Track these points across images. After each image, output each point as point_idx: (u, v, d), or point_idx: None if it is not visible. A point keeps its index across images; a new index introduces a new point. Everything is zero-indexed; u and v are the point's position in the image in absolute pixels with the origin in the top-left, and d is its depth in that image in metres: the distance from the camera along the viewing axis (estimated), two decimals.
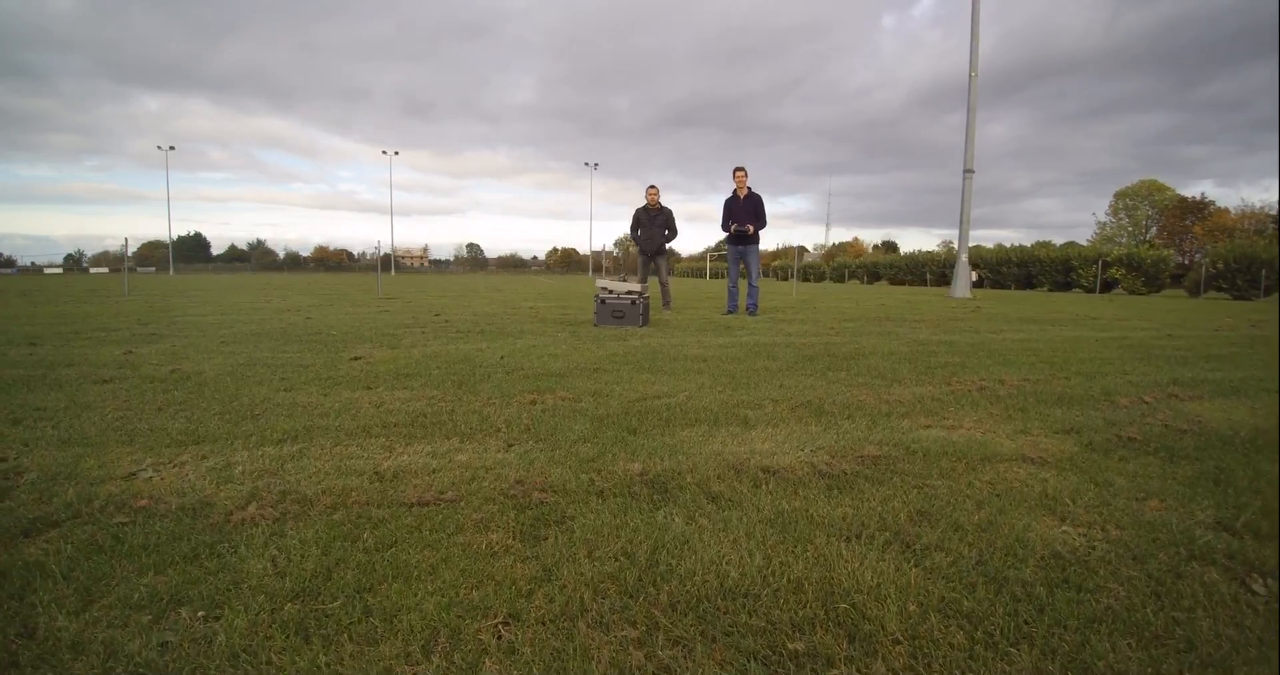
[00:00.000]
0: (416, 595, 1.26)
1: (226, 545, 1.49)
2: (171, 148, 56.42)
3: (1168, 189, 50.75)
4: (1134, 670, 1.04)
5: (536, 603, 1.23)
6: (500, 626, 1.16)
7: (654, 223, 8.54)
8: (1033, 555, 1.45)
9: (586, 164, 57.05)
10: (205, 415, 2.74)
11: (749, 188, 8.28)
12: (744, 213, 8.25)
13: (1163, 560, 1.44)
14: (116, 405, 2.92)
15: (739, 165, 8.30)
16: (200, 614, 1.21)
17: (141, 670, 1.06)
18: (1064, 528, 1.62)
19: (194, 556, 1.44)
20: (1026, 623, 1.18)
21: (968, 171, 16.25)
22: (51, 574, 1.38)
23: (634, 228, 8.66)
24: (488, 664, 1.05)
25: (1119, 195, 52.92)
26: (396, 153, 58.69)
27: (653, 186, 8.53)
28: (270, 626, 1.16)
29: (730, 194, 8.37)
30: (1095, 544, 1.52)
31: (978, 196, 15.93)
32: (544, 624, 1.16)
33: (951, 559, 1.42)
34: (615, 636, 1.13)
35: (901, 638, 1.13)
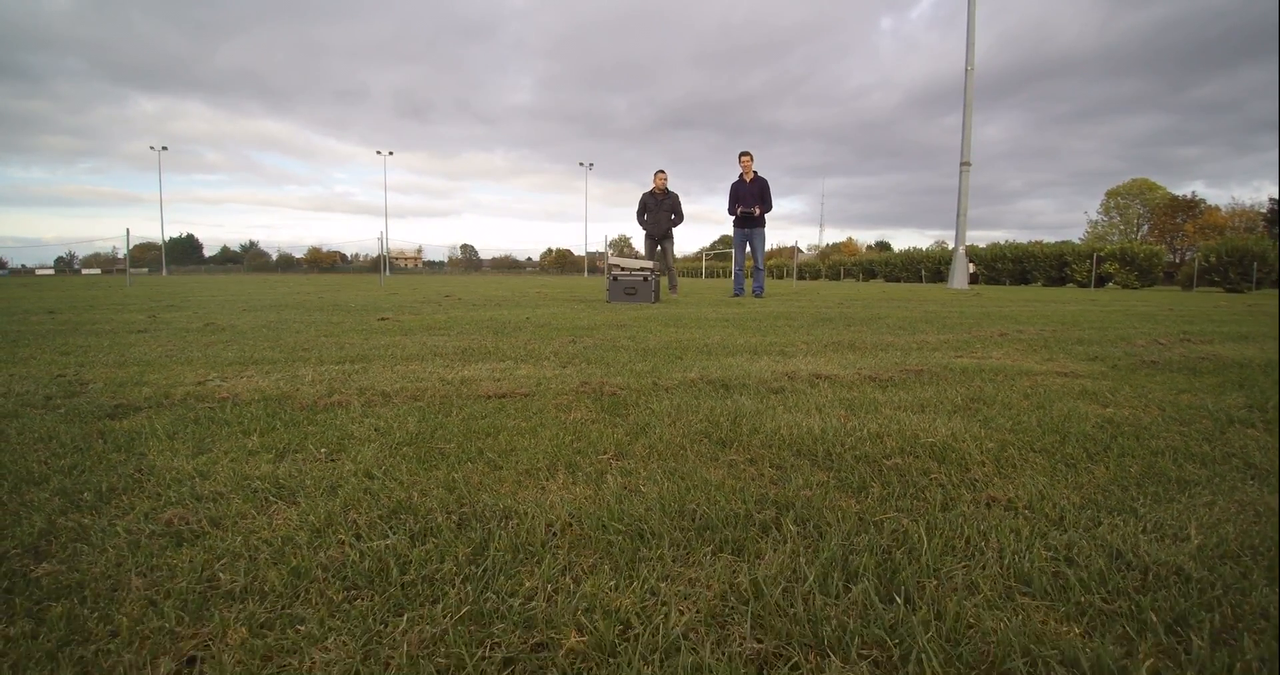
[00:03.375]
0: (526, 441, 1.34)
1: (325, 417, 1.57)
2: (164, 148, 55.99)
3: (1159, 188, 51.27)
4: (1203, 479, 1.13)
5: (639, 447, 1.31)
6: (612, 459, 1.24)
7: (661, 207, 8.62)
8: (1088, 420, 1.54)
9: (581, 164, 57.09)
10: (256, 348, 2.80)
11: (755, 172, 8.41)
12: (750, 196, 8.37)
13: (1206, 424, 1.53)
14: (161, 343, 2.98)
15: (744, 150, 8.42)
16: (322, 452, 1.28)
17: (280, 483, 1.12)
18: (1109, 409, 1.71)
19: (294, 423, 1.51)
20: (1096, 454, 1.27)
21: (964, 164, 16.45)
22: (156, 434, 1.43)
23: (640, 212, 8.73)
24: (610, 479, 1.13)
25: (1110, 194, 53.41)
26: (391, 153, 58.40)
27: (661, 171, 8.61)
28: (393, 459, 1.24)
29: (736, 178, 8.49)
30: (1141, 416, 1.62)
31: (972, 198, 16.12)
32: (652, 458, 1.25)
33: (1014, 423, 1.51)
34: (723, 461, 1.22)
35: (986, 461, 1.21)
